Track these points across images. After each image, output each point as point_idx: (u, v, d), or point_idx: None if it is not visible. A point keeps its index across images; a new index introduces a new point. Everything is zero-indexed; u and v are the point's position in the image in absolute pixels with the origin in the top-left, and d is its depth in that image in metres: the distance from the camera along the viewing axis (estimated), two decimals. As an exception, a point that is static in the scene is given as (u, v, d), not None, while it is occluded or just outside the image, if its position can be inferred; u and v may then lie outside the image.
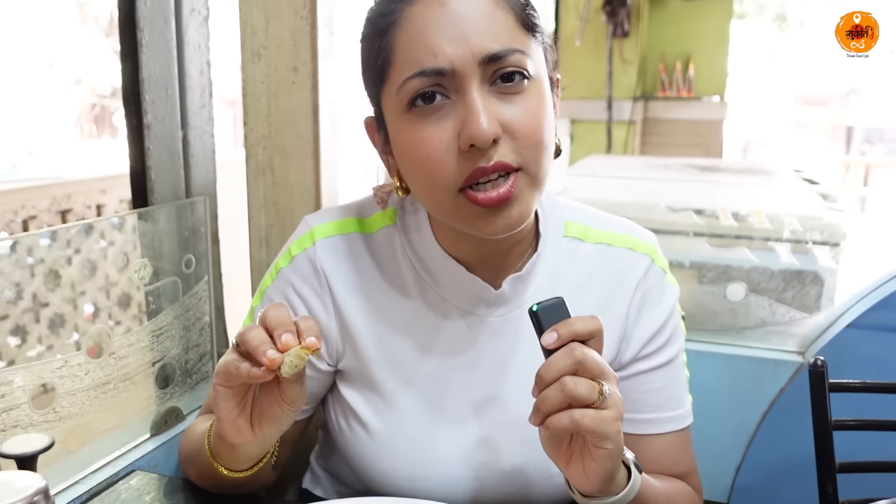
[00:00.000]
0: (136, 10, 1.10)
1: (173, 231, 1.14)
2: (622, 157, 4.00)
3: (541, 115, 0.77)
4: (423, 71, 0.74)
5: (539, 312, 0.72)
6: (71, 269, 1.07)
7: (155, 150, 1.15)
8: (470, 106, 0.74)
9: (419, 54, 0.75)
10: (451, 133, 0.75)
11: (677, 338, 0.95)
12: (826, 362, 1.10)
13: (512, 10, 0.77)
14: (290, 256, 0.93)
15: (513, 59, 0.75)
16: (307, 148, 1.23)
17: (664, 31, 4.35)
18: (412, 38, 0.75)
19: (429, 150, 0.76)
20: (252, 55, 1.23)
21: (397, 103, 0.78)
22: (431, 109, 0.76)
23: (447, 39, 0.74)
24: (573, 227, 0.94)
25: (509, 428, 0.90)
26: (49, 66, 8.27)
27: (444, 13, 0.74)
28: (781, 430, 1.42)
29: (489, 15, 0.75)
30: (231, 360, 0.73)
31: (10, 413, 0.89)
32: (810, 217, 1.73)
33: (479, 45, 0.74)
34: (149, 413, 1.12)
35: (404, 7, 0.76)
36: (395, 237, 0.92)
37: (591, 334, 0.72)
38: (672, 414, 0.94)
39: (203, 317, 1.20)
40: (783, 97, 11.65)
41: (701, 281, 1.67)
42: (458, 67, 0.74)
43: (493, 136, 0.74)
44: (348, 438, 0.93)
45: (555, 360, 0.70)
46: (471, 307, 0.90)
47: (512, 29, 0.76)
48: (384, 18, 0.77)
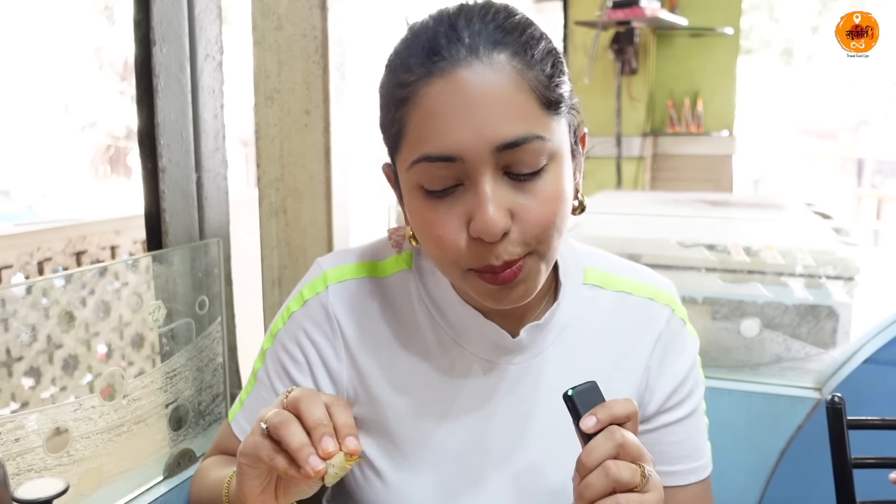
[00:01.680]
0: (152, 56, 1.13)
1: (187, 273, 1.15)
2: (632, 193, 4.01)
3: (557, 198, 0.75)
4: (430, 156, 0.72)
5: (574, 397, 0.72)
6: (85, 310, 1.07)
7: (169, 192, 1.17)
8: (480, 197, 0.72)
9: (429, 139, 0.72)
10: (462, 218, 0.74)
11: (698, 388, 0.95)
12: (844, 399, 1.09)
13: (534, 91, 0.73)
14: (303, 300, 0.91)
15: (531, 146, 0.72)
16: (319, 189, 1.24)
17: (672, 67, 4.39)
18: (424, 120, 0.73)
19: (440, 233, 0.75)
20: (265, 99, 1.25)
21: (408, 179, 0.76)
22: (442, 193, 0.74)
23: (459, 126, 0.71)
24: (592, 273, 0.93)
25: (529, 480, 0.88)
26: (65, 109, 8.42)
27: (459, 98, 0.71)
28: (800, 467, 1.40)
29: (508, 100, 0.71)
30: (263, 448, 0.71)
31: (24, 457, 0.89)
32: (823, 251, 1.72)
33: (493, 133, 0.71)
34: (162, 455, 1.12)
35: (421, 86, 0.73)
36: (410, 282, 0.91)
37: (629, 417, 0.71)
38: (695, 465, 0.93)
39: (216, 358, 1.21)
40: (792, 131, 11.68)
41: (714, 317, 1.66)
42: (468, 156, 0.71)
43: (502, 230, 0.72)
44: (362, 487, 0.91)
45: (596, 445, 0.69)
46: (488, 355, 0.88)
47: (532, 112, 0.73)
48: (401, 90, 0.74)
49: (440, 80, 0.72)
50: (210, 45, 1.23)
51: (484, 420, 0.89)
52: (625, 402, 0.72)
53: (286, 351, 0.91)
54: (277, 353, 0.92)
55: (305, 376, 0.91)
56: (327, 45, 1.20)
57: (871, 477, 1.09)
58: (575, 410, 0.72)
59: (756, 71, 10.07)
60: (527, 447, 0.89)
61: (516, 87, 0.72)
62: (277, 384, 0.92)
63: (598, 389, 0.73)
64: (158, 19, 1.13)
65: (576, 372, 0.89)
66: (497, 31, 0.73)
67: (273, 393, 0.92)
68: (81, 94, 8.24)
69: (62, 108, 8.44)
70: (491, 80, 0.71)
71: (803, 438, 1.40)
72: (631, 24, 3.88)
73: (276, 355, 0.92)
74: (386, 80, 0.78)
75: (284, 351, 0.92)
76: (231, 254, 1.30)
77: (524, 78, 0.72)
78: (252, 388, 0.94)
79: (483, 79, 0.71)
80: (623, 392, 0.90)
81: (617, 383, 0.90)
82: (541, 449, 0.88)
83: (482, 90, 0.71)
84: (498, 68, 0.71)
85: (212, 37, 1.23)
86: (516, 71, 0.72)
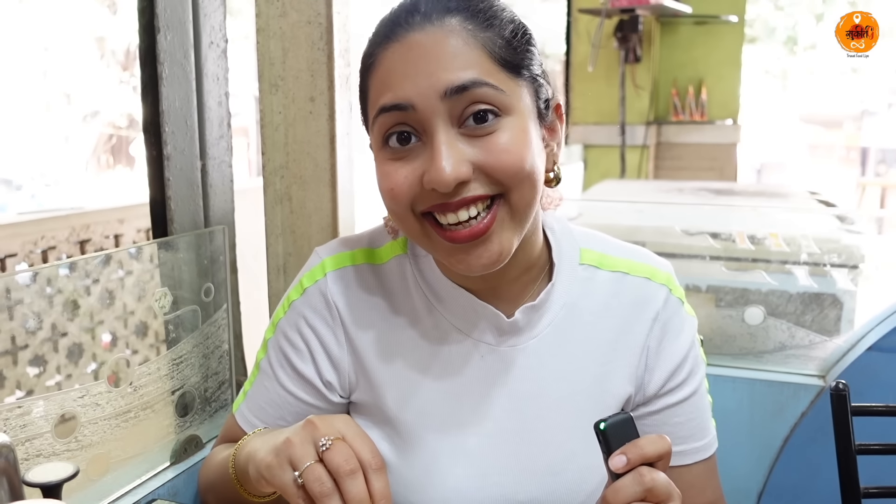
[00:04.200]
0: (156, 43, 1.12)
1: (193, 260, 1.16)
2: (636, 182, 4.00)
3: (519, 146, 0.76)
4: (384, 106, 0.76)
5: (607, 430, 0.70)
6: (90, 298, 1.08)
7: (174, 180, 1.17)
8: (434, 148, 0.75)
9: (384, 93, 0.77)
10: (418, 172, 0.76)
11: (699, 367, 0.95)
12: (848, 386, 1.09)
13: (486, 48, 0.76)
14: (302, 289, 0.93)
15: (480, 91, 0.74)
16: (324, 177, 1.24)
17: (676, 55, 4.37)
18: (381, 78, 0.78)
19: (391, 184, 0.78)
20: (270, 86, 1.24)
21: (374, 141, 0.81)
22: (403, 152, 0.77)
23: (409, 76, 0.75)
24: (589, 254, 0.93)
25: (529, 460, 0.89)
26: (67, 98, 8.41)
27: (411, 53, 0.75)
28: (804, 454, 1.41)
29: (457, 51, 0.75)
30: (293, 496, 0.71)
31: (32, 442, 0.90)
32: (827, 239, 1.72)
33: (441, 78, 0.74)
34: (168, 441, 1.12)
35: (381, 50, 0.78)
36: (406, 266, 0.92)
37: (660, 456, 0.70)
38: (700, 444, 0.93)
39: (222, 345, 1.21)
40: (796, 120, 11.64)
41: (718, 305, 1.66)
42: (418, 103, 0.74)
43: (455, 179, 0.74)
44: None
45: (623, 487, 0.68)
46: (484, 337, 0.89)
47: (482, 63, 0.76)
48: (366, 60, 0.81)
49: (396, 44, 0.77)
50: (214, 32, 1.23)
51: (482, 402, 0.89)
52: (657, 440, 0.70)
53: (288, 339, 0.92)
54: (279, 342, 0.93)
55: (307, 364, 0.92)
56: (332, 31, 1.19)
57: (875, 463, 1.10)
58: (606, 444, 0.70)
59: (760, 59, 10.03)
60: (526, 428, 0.89)
61: (465, 43, 0.75)
62: (280, 373, 0.93)
63: (632, 423, 0.71)
64: (162, 7, 1.12)
65: (573, 352, 0.90)
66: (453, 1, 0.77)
67: (276, 382, 0.93)
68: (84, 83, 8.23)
69: (64, 98, 8.44)
70: (441, 38, 0.75)
71: (807, 426, 1.40)
72: (635, 11, 3.87)
73: (277, 344, 0.93)
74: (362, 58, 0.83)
75: (286, 339, 0.92)
76: (236, 241, 1.30)
77: (476, 38, 0.76)
78: (255, 379, 0.95)
79: (434, 38, 0.75)
80: (621, 372, 0.91)
81: (615, 364, 0.91)
82: (540, 429, 0.89)
83: (433, 47, 0.75)
84: (449, 28, 0.76)
85: (216, 24, 1.23)
86: (468, 31, 0.76)
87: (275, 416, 0.93)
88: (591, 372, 0.90)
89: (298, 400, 0.92)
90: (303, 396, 0.92)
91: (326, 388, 0.92)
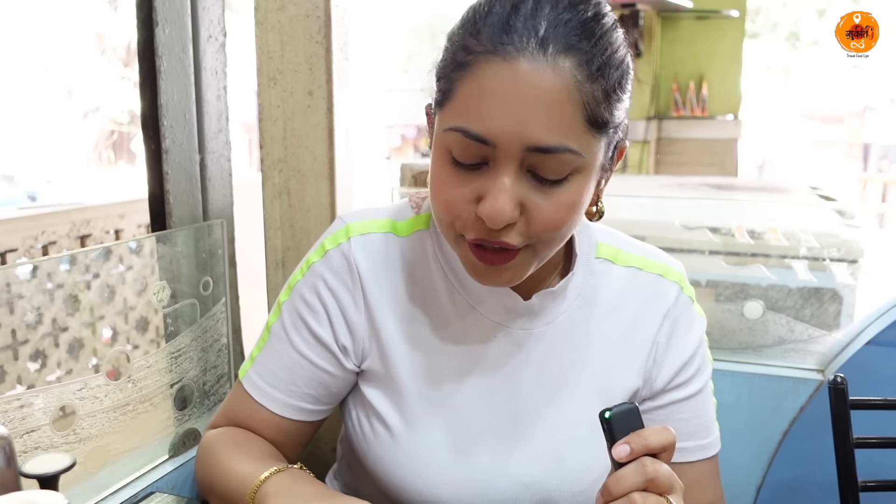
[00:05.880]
0: (154, 37, 1.12)
1: (191, 254, 1.16)
2: (637, 177, 4.00)
3: (572, 208, 0.76)
4: (466, 131, 0.73)
5: (612, 419, 0.70)
6: (90, 293, 1.08)
7: (173, 174, 1.17)
8: (497, 184, 0.73)
9: (471, 114, 0.73)
10: (475, 194, 0.75)
11: (706, 367, 0.96)
12: (846, 379, 1.09)
13: (585, 106, 0.72)
14: (324, 251, 0.92)
15: (561, 157, 0.73)
16: (323, 170, 1.24)
17: (677, 50, 4.37)
18: (474, 93, 0.73)
19: (449, 197, 0.76)
20: (268, 80, 1.24)
21: (442, 139, 0.77)
22: (468, 168, 0.75)
23: (503, 115, 0.71)
24: (605, 248, 0.94)
25: (539, 443, 0.89)
26: (68, 94, 8.42)
27: (512, 87, 0.71)
28: (802, 448, 1.41)
29: (555, 106, 0.71)
30: None
31: (31, 435, 0.90)
32: (827, 234, 1.72)
33: (530, 133, 0.71)
34: (167, 434, 1.12)
35: (482, 60, 0.72)
36: (427, 242, 0.92)
37: (664, 448, 0.70)
38: (703, 442, 0.94)
39: (221, 338, 1.21)
40: (798, 115, 11.62)
41: (717, 299, 1.66)
42: (500, 144, 0.72)
43: (507, 222, 0.73)
44: (370, 440, 0.92)
45: (625, 476, 0.69)
46: (500, 317, 0.90)
47: (574, 125, 0.72)
48: (463, 54, 0.74)
49: (502, 63, 0.71)
50: (212, 25, 1.23)
51: (495, 381, 0.90)
52: (662, 431, 0.70)
53: (305, 302, 0.92)
54: (295, 305, 0.93)
55: (324, 327, 0.91)
56: (330, 25, 1.19)
57: (873, 457, 1.10)
58: (610, 433, 0.70)
59: (762, 54, 10.01)
60: (536, 411, 0.90)
61: (568, 97, 0.71)
62: (294, 336, 0.92)
63: (637, 413, 0.71)
64: (161, 0, 1.12)
65: (585, 342, 0.91)
66: (575, 30, 0.72)
67: (289, 345, 0.92)
68: (84, 79, 8.23)
69: (65, 94, 8.44)
70: (548, 80, 0.71)
71: (806, 420, 1.40)
72: (636, 6, 3.86)
73: (293, 307, 0.93)
74: (457, 33, 0.77)
75: (303, 302, 0.92)
76: (235, 235, 1.30)
77: (580, 91, 0.72)
78: (266, 344, 0.94)
79: (540, 77, 0.71)
80: (631, 365, 0.92)
81: (625, 356, 0.92)
82: (550, 413, 0.89)
83: (536, 87, 0.71)
84: (559, 73, 0.71)
85: (214, 18, 1.23)
86: (575, 81, 0.71)
87: (286, 382, 0.92)
88: (601, 363, 0.91)
89: (312, 364, 0.92)
90: (317, 361, 0.91)
91: (342, 353, 0.91)
